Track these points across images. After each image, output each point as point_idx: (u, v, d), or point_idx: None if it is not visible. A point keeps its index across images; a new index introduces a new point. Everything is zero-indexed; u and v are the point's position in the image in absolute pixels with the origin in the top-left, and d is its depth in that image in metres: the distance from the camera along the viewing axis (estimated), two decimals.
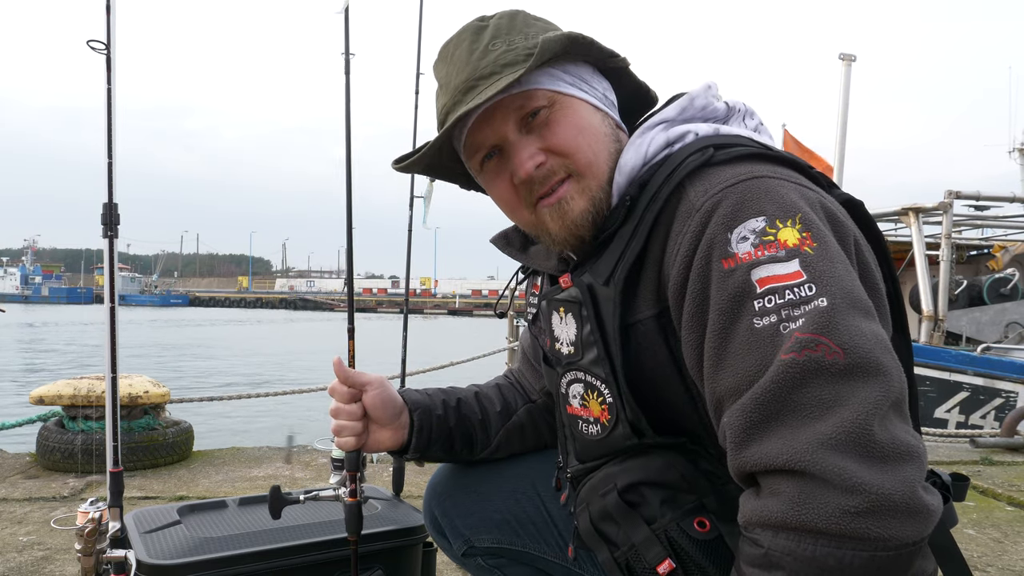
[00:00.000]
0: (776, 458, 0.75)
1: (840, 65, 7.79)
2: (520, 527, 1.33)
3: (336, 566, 1.54)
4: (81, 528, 1.39)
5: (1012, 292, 8.77)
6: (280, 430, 11.05)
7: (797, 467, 0.73)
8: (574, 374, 1.04)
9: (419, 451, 1.31)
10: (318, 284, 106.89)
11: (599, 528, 1.01)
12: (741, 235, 0.84)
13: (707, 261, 0.85)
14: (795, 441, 0.74)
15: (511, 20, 1.02)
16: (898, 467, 0.72)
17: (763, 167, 0.90)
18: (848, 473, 0.71)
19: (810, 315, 0.78)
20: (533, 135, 1.00)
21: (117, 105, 1.55)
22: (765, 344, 0.80)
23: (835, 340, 0.76)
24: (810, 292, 0.79)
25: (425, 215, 2.95)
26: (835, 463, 0.72)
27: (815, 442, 0.73)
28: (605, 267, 0.97)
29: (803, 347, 0.77)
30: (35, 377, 16.38)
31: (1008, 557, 2.57)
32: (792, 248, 0.82)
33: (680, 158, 0.95)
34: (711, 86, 1.04)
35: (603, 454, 1.04)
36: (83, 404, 3.43)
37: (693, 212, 0.88)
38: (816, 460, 0.72)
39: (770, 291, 0.81)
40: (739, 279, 0.82)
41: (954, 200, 7.79)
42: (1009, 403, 6.06)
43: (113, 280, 1.56)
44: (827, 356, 0.76)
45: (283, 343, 30.03)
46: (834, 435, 0.73)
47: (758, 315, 0.81)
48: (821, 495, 0.72)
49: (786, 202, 0.85)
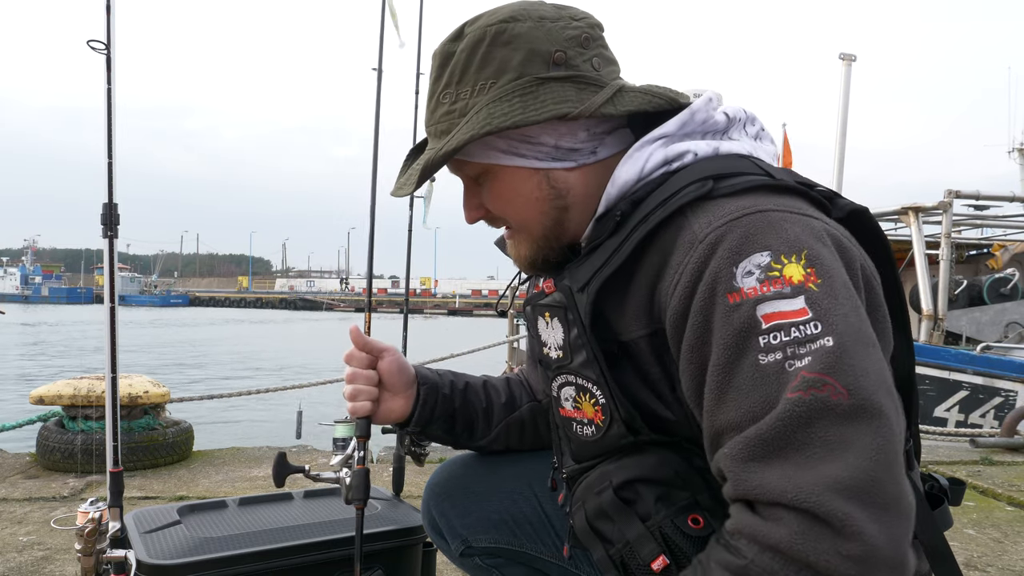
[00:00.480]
0: (782, 493, 0.75)
1: (840, 65, 7.79)
2: (517, 527, 1.33)
3: (336, 566, 1.54)
4: (81, 528, 1.39)
5: (1012, 292, 8.78)
6: (280, 430, 11.06)
7: (802, 505, 0.74)
8: (564, 377, 1.04)
9: (420, 425, 1.32)
10: (318, 284, 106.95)
11: (594, 526, 1.02)
12: (747, 270, 0.84)
13: (711, 294, 0.85)
14: (801, 479, 0.75)
15: (471, 55, 0.99)
16: (896, 521, 0.74)
17: (766, 199, 0.90)
18: (851, 520, 0.72)
19: (816, 354, 0.78)
20: (481, 188, 1.07)
21: (117, 105, 1.55)
22: (771, 381, 0.80)
23: (841, 381, 0.77)
24: (816, 330, 0.79)
25: (425, 215, 2.95)
26: (840, 507, 0.73)
27: (822, 483, 0.74)
28: (583, 274, 0.98)
29: (809, 386, 0.77)
30: (35, 377, 16.38)
31: (1008, 557, 2.57)
32: (797, 284, 0.82)
33: (678, 185, 0.93)
34: (713, 99, 1.03)
35: (599, 454, 1.04)
36: (83, 404, 3.43)
37: (696, 243, 0.88)
38: (822, 502, 0.73)
39: (776, 327, 0.81)
40: (744, 314, 0.82)
41: (954, 200, 7.79)
42: (1008, 402, 6.06)
43: (113, 280, 1.56)
44: (832, 396, 0.76)
45: (284, 343, 30.03)
46: (840, 479, 0.74)
47: (763, 351, 0.81)
48: (821, 534, 0.73)
49: (791, 237, 0.85)
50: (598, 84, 0.99)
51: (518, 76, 0.97)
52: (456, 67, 1.00)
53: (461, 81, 1.00)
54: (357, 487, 1.26)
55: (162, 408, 3.68)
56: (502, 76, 0.98)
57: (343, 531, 1.57)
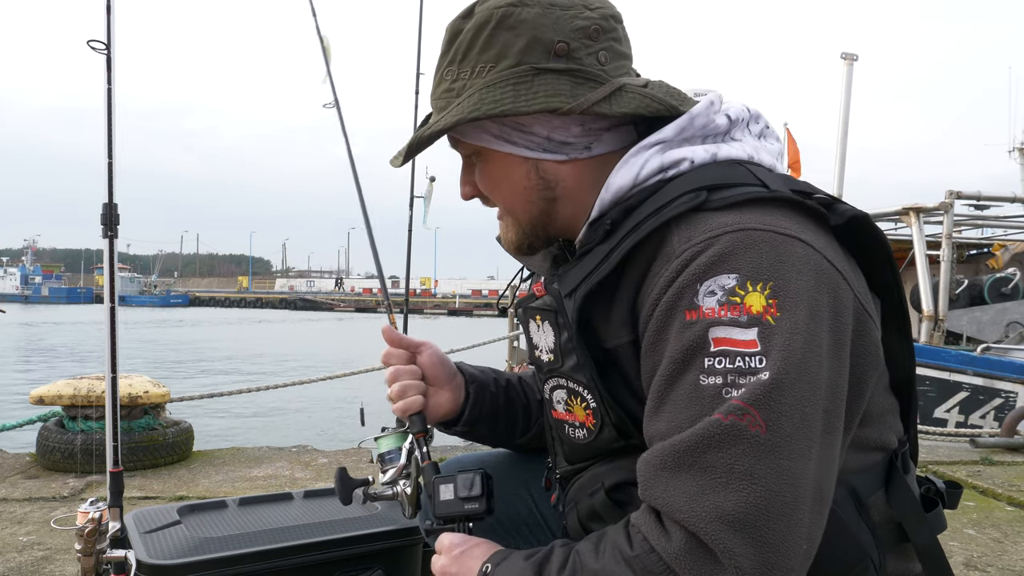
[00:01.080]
0: (677, 511, 0.79)
1: (842, 65, 7.79)
2: (512, 527, 1.33)
3: (336, 566, 1.54)
4: (81, 528, 1.39)
5: (1013, 292, 8.77)
6: (280, 430, 11.07)
7: (691, 528, 0.78)
8: (556, 380, 1.05)
9: (469, 424, 1.30)
10: (318, 284, 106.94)
11: (587, 527, 1.03)
12: (710, 289, 0.84)
13: (672, 308, 0.86)
14: (697, 504, 0.78)
15: (475, 35, 0.99)
16: (777, 560, 0.77)
17: (753, 216, 0.87)
18: (731, 552, 0.76)
19: (751, 387, 0.79)
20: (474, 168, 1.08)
21: (117, 105, 1.55)
22: (704, 403, 0.81)
23: (763, 415, 0.78)
24: (759, 364, 0.80)
25: (425, 215, 2.95)
26: (724, 539, 0.76)
27: (714, 512, 0.77)
28: (572, 280, 0.97)
29: (730, 412, 0.79)
30: (35, 377, 16.38)
31: (1008, 557, 2.57)
32: (755, 315, 0.81)
33: (671, 195, 0.92)
34: (714, 102, 1.00)
35: (591, 456, 1.04)
36: (83, 404, 3.43)
37: (672, 257, 0.87)
38: (709, 531, 0.77)
39: (722, 353, 0.81)
40: (696, 333, 0.83)
41: (955, 200, 7.79)
42: (1009, 403, 6.06)
43: (113, 280, 1.56)
44: (751, 428, 0.78)
45: (286, 343, 30.03)
46: (732, 512, 0.77)
47: (706, 373, 0.82)
48: (702, 559, 0.77)
49: (763, 264, 0.83)
50: (597, 80, 0.97)
51: (516, 64, 0.96)
52: (461, 45, 1.00)
53: (463, 60, 1.00)
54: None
55: (162, 408, 3.68)
56: (501, 61, 0.97)
57: (343, 531, 1.57)
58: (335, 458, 3.73)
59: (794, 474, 0.78)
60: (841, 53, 7.77)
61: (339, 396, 12.91)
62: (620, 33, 1.02)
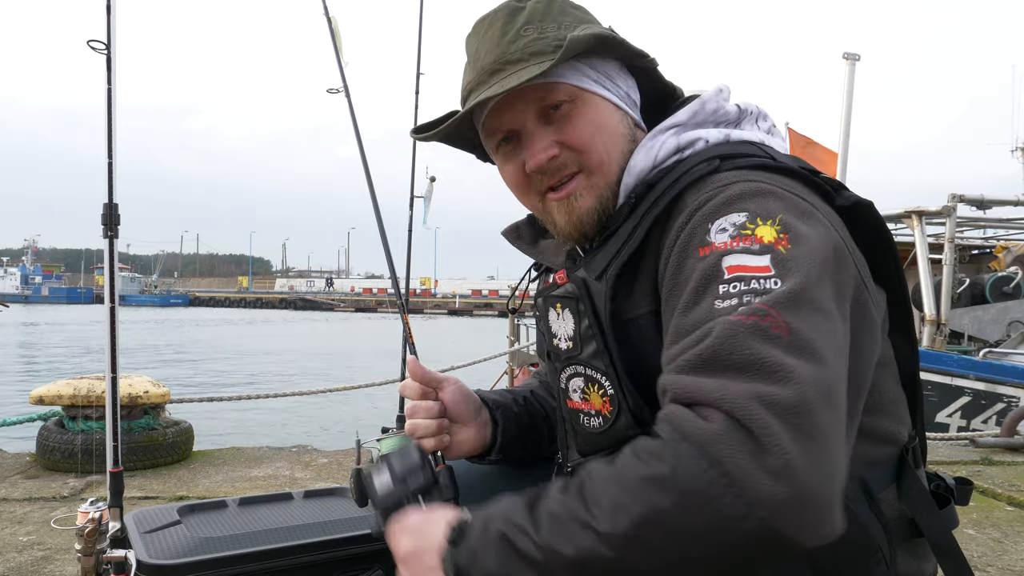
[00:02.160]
0: (710, 393, 0.74)
1: (844, 64, 7.78)
2: None
3: (336, 566, 1.53)
4: (81, 528, 1.39)
5: (1015, 291, 8.76)
6: (280, 430, 11.07)
7: (726, 407, 0.72)
8: (573, 368, 1.04)
9: (503, 450, 1.26)
10: (318, 284, 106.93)
11: None
12: (721, 227, 0.86)
13: (685, 248, 0.88)
14: (734, 387, 0.73)
15: (548, 5, 1.03)
16: (821, 454, 0.71)
17: (761, 174, 0.92)
18: (772, 432, 0.69)
19: (767, 295, 0.79)
20: (551, 127, 1.02)
21: (117, 105, 1.55)
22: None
23: (784, 316, 0.76)
24: (775, 285, 0.80)
25: (425, 215, 2.96)
26: (762, 418, 0.70)
27: (752, 394, 0.72)
28: (600, 263, 0.99)
29: (752, 312, 0.77)
30: (35, 377, 16.39)
31: (1008, 557, 2.57)
32: (767, 244, 0.83)
33: (688, 166, 0.96)
34: (723, 89, 1.06)
35: (606, 445, 1.03)
36: (83, 404, 3.43)
37: (688, 213, 0.90)
38: (747, 408, 0.71)
39: (737, 278, 0.82)
40: (710, 263, 0.84)
41: (957, 204, 7.77)
42: (1011, 408, 6.04)
43: (113, 280, 1.56)
44: (772, 328, 0.76)
45: (287, 343, 30.04)
46: (772, 394, 0.71)
47: (721, 297, 0.81)
48: (741, 440, 0.70)
49: (772, 207, 0.86)
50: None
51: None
52: (535, 12, 1.02)
53: (544, 19, 1.02)
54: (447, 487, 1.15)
55: (162, 408, 3.68)
56: (583, 23, 1.02)
57: (343, 531, 1.57)
58: (335, 458, 3.73)
59: (825, 377, 0.74)
60: (843, 53, 7.75)
61: (339, 396, 12.92)
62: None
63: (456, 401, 1.21)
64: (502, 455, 1.27)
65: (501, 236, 1.25)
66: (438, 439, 1.18)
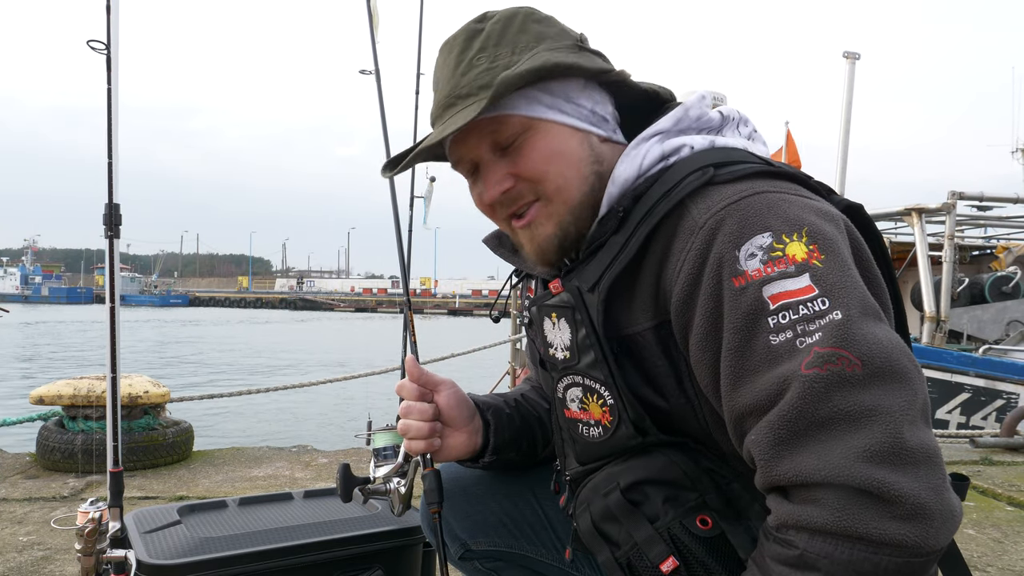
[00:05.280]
0: (813, 473, 0.75)
1: (844, 63, 7.78)
2: (517, 530, 1.32)
3: (336, 566, 1.54)
4: (81, 528, 1.38)
5: (1014, 290, 8.77)
6: (280, 430, 11.07)
7: (837, 481, 0.74)
8: (571, 378, 1.03)
9: (496, 452, 1.27)
10: (318, 284, 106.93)
11: (601, 528, 1.01)
12: (749, 252, 0.84)
13: (718, 280, 0.85)
14: (830, 456, 0.75)
15: (505, 27, 1.00)
16: (929, 473, 0.74)
17: (764, 183, 0.91)
18: (887, 484, 0.72)
19: (826, 328, 0.79)
20: (506, 159, 1.02)
21: (119, 105, 1.55)
22: (783, 360, 0.80)
23: (854, 352, 0.77)
24: (824, 306, 0.80)
25: (425, 215, 2.96)
26: (873, 475, 0.73)
27: (851, 455, 0.74)
28: (592, 274, 0.98)
29: (824, 361, 0.77)
30: (35, 377, 16.39)
31: (1008, 557, 2.57)
32: (801, 262, 0.82)
33: (679, 175, 0.94)
34: (704, 96, 1.05)
35: (605, 455, 1.03)
36: (83, 404, 3.43)
37: (696, 230, 0.88)
38: (855, 474, 0.73)
39: (783, 307, 0.81)
40: (751, 297, 0.83)
41: (957, 201, 7.78)
42: (1010, 404, 6.05)
43: (114, 280, 1.55)
44: (847, 368, 0.77)
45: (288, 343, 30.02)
46: (868, 447, 0.74)
47: (773, 332, 0.81)
48: (861, 505, 0.73)
49: (790, 216, 0.86)
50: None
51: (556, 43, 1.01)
52: (491, 36, 1.00)
53: (499, 44, 1.00)
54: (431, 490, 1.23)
55: (162, 408, 3.68)
56: (542, 41, 1.00)
57: (343, 531, 1.57)
58: (335, 458, 3.73)
59: (904, 390, 0.77)
60: (843, 52, 7.76)
61: (339, 396, 12.92)
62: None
63: (451, 405, 1.22)
64: (495, 457, 1.27)
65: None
66: (428, 442, 1.19)
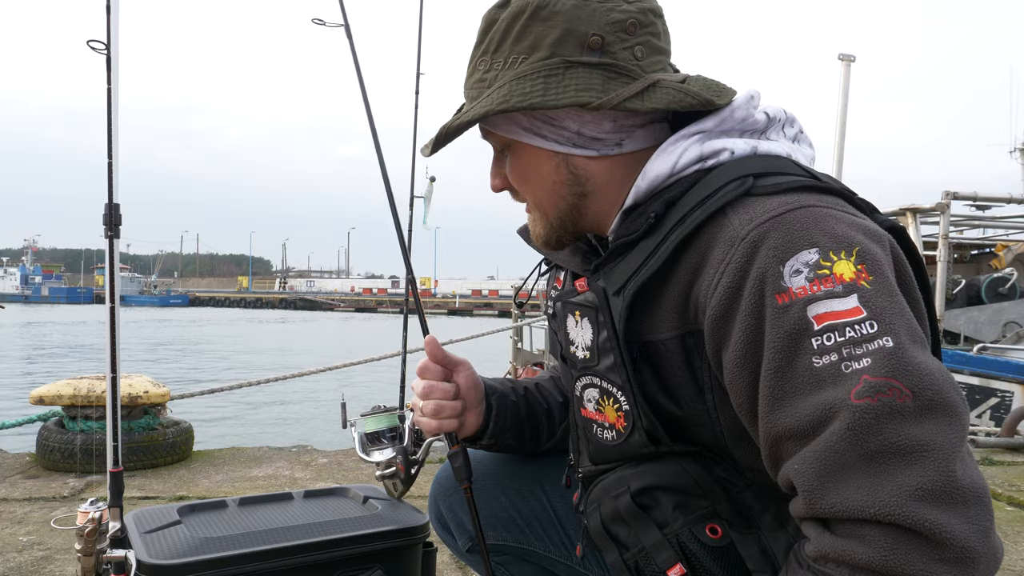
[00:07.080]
0: (862, 509, 0.73)
1: (839, 66, 7.78)
2: (525, 525, 1.33)
3: (336, 566, 1.54)
4: (81, 528, 1.39)
5: (1010, 291, 8.78)
6: (280, 430, 11.07)
7: (887, 519, 0.72)
8: (589, 379, 1.02)
9: (494, 436, 1.28)
10: (318, 284, 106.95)
11: (609, 529, 1.01)
12: (794, 268, 0.80)
13: (759, 296, 0.81)
14: (880, 492, 0.72)
15: (509, 26, 0.98)
16: (979, 514, 0.72)
17: (809, 197, 0.87)
18: (938, 526, 0.70)
19: (876, 356, 0.75)
20: (503, 160, 1.07)
21: (119, 105, 1.55)
22: (827, 384, 0.77)
23: (905, 382, 0.74)
24: (872, 330, 0.76)
25: (425, 215, 2.95)
26: (924, 515, 0.70)
27: (902, 493, 0.72)
28: (619, 277, 0.95)
29: (876, 391, 0.74)
30: (35, 377, 16.38)
31: (1008, 557, 2.57)
32: (849, 283, 0.78)
33: (716, 183, 0.90)
34: (754, 96, 0.99)
35: (618, 458, 1.02)
36: (83, 404, 3.43)
37: (737, 241, 0.84)
38: (906, 513, 0.71)
39: (829, 328, 0.78)
40: (795, 316, 0.79)
41: (951, 200, 7.80)
42: (1005, 402, 6.06)
43: (114, 280, 1.55)
44: (899, 400, 0.74)
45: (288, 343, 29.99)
46: (920, 486, 0.71)
47: (817, 354, 0.78)
48: (910, 545, 0.71)
49: (838, 233, 0.82)
50: (631, 75, 0.95)
51: (549, 56, 0.95)
52: (495, 35, 0.99)
53: (497, 51, 0.99)
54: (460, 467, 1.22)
55: (162, 408, 3.68)
56: (534, 53, 0.96)
57: (343, 531, 1.57)
58: (335, 458, 3.73)
59: (955, 426, 0.74)
60: (839, 54, 7.76)
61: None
62: (659, 28, 1.00)
63: (468, 386, 1.24)
64: (493, 441, 1.28)
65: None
66: (458, 420, 1.22)
